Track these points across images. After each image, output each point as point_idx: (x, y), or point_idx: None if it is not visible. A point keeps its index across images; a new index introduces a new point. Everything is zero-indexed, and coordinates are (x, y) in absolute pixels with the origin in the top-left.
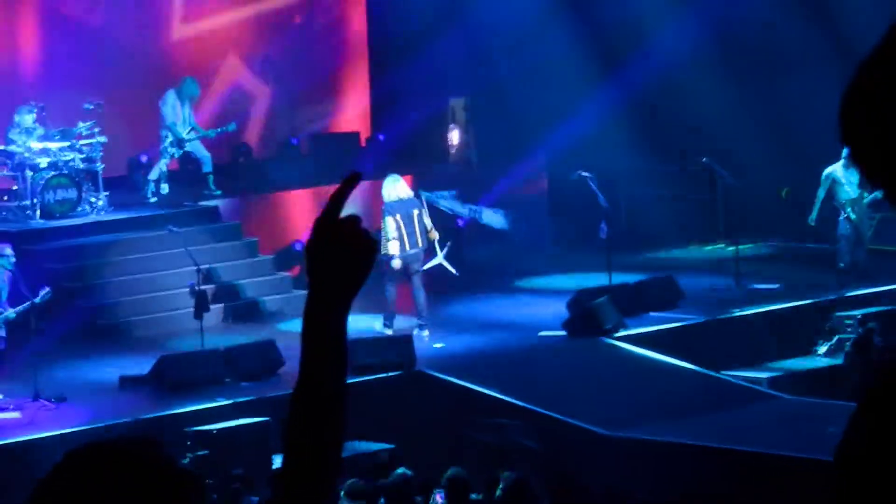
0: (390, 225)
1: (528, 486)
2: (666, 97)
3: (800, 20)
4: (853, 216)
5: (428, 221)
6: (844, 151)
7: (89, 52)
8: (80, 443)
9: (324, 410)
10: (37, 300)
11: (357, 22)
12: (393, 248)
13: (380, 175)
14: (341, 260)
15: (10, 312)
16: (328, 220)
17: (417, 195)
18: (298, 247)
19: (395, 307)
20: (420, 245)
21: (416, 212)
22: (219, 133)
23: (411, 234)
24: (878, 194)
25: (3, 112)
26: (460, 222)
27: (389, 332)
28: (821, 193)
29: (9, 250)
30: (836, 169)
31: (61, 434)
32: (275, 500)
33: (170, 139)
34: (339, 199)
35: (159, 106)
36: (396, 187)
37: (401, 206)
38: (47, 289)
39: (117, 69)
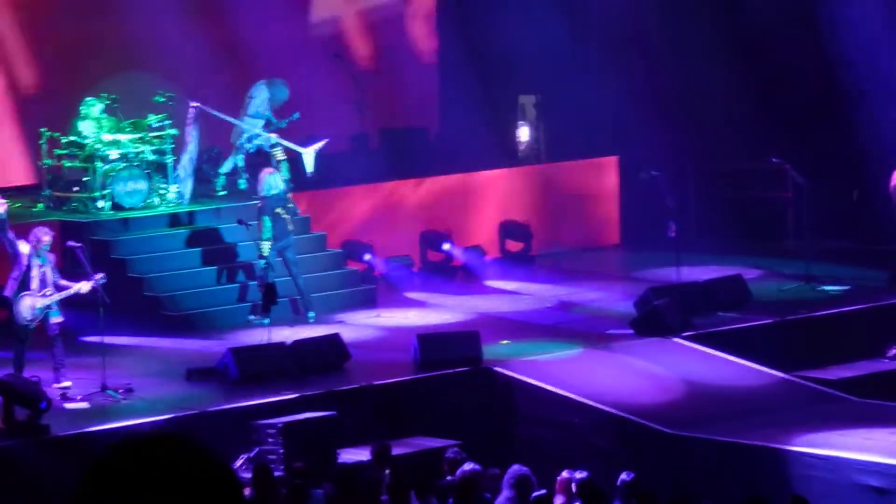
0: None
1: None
2: (740, 96)
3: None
4: None
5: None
6: None
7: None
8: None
9: None
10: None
11: (426, 18)
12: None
13: (447, 171)
14: None
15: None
16: None
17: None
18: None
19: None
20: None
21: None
22: (288, 122)
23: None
24: None
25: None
26: None
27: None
28: None
29: (47, 237)
30: None
31: (128, 425)
32: None
33: (244, 134)
34: None
35: (249, 96)
36: (278, 179)
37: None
38: (102, 274)
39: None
